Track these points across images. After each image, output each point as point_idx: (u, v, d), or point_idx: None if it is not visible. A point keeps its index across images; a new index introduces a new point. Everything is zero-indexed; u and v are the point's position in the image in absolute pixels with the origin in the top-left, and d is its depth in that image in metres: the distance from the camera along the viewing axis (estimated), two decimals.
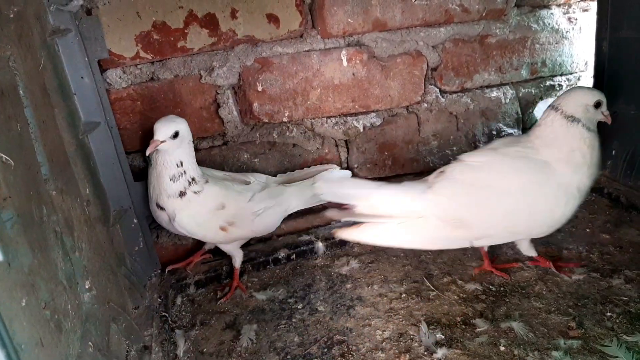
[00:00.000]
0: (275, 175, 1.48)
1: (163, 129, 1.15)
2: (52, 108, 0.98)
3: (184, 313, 1.29)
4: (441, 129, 1.64)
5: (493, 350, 1.07)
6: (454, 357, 1.06)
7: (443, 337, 1.11)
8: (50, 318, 0.80)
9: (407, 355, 1.07)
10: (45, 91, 0.95)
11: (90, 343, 0.92)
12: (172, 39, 1.32)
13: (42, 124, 0.90)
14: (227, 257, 1.39)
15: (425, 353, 1.08)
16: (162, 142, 1.15)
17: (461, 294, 1.25)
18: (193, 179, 1.21)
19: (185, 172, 1.20)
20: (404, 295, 1.27)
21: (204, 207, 1.23)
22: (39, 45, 0.95)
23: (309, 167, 1.52)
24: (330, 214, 1.20)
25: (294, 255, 1.45)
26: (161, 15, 1.29)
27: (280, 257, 1.44)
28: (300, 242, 1.47)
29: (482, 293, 1.25)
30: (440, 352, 1.07)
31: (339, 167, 1.55)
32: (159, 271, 1.39)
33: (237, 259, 1.37)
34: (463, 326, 1.14)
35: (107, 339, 1.01)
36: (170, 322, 1.23)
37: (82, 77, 1.12)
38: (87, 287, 0.96)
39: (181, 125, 1.18)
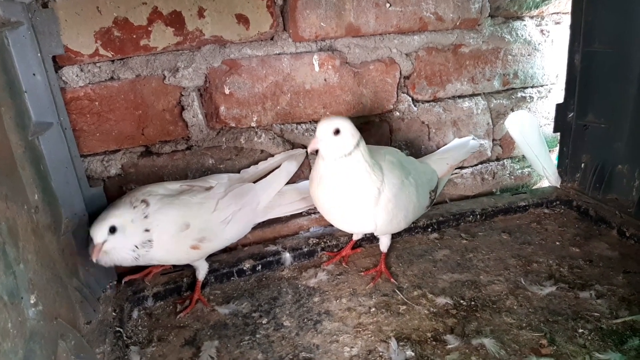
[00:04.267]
0: (238, 172, 1.41)
1: (96, 230, 1.08)
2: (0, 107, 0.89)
3: (140, 328, 1.21)
4: (413, 138, 1.61)
5: None
6: None
7: (413, 354, 1.07)
8: None
9: None
10: None
11: None
12: (134, 36, 1.24)
13: None
14: (189, 268, 1.32)
15: None
16: (102, 243, 1.08)
17: (432, 308, 1.22)
18: (143, 244, 1.13)
19: (137, 249, 1.13)
20: (374, 309, 1.22)
21: (167, 234, 1.15)
22: None
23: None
24: None
25: (260, 267, 1.39)
26: (123, 11, 1.22)
27: (245, 268, 1.37)
28: (267, 253, 1.41)
29: (453, 307, 1.21)
30: None
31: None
32: (115, 282, 1.30)
33: (202, 270, 1.30)
34: (434, 342, 1.11)
35: (54, 359, 0.93)
36: (124, 338, 1.14)
37: (34, 74, 1.04)
38: (32, 302, 0.88)
39: (116, 220, 1.09)
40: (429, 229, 1.55)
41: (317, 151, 1.16)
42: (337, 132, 1.13)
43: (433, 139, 1.64)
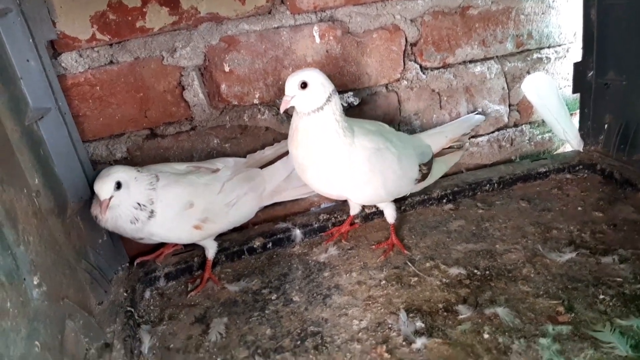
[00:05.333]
0: (244, 152, 1.40)
1: (103, 186, 1.08)
2: None
3: (152, 307, 1.22)
4: (423, 108, 1.56)
5: (476, 339, 1.00)
6: (434, 347, 0.99)
7: (423, 325, 1.04)
8: None
9: (385, 346, 1.00)
10: None
11: (37, 343, 0.85)
12: (129, 18, 1.23)
13: None
14: (200, 248, 1.32)
15: (404, 343, 1.01)
16: (109, 199, 1.09)
17: (444, 279, 1.18)
18: (143, 205, 1.13)
19: (140, 209, 1.13)
20: (384, 282, 1.20)
21: (171, 210, 1.15)
22: None
23: None
24: None
25: (270, 244, 1.38)
26: None
27: (255, 246, 1.37)
28: (277, 230, 1.40)
29: (466, 277, 1.17)
30: (420, 341, 1.00)
31: None
32: (127, 264, 1.32)
33: (211, 250, 1.30)
34: (445, 313, 1.07)
35: (61, 338, 0.94)
36: (136, 318, 1.16)
37: (27, 60, 1.04)
38: (35, 283, 0.89)
39: (120, 175, 1.10)
40: (444, 200, 1.50)
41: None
42: (304, 85, 1.09)
43: (445, 107, 1.58)
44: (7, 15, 1.00)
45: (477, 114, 1.57)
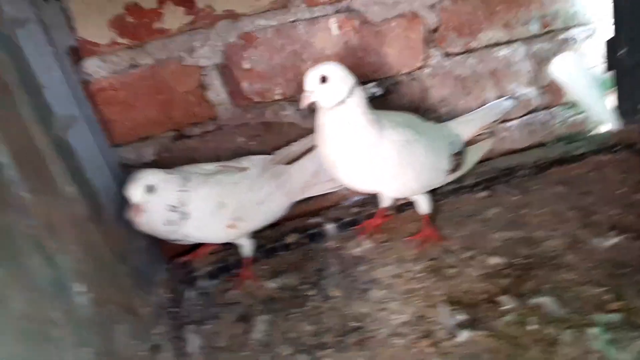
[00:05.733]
0: (269, 149, 1.38)
1: (134, 191, 1.08)
2: (16, 104, 0.89)
3: (194, 307, 1.22)
4: (448, 95, 1.51)
5: (521, 330, 0.96)
6: (479, 340, 0.96)
7: (466, 317, 1.01)
8: (30, 328, 0.73)
9: (427, 340, 0.98)
10: (4, 86, 0.87)
11: (88, 349, 0.85)
12: (147, 20, 1.22)
13: (3, 122, 0.82)
14: (237, 246, 1.32)
15: (447, 337, 0.98)
16: (141, 203, 1.09)
17: (483, 269, 1.14)
18: (175, 207, 1.13)
19: (173, 210, 1.12)
20: (422, 274, 1.16)
21: (203, 211, 1.15)
22: None
23: None
24: None
25: (304, 239, 1.37)
26: None
27: (289, 242, 1.36)
28: (310, 225, 1.39)
29: (507, 267, 1.14)
30: (463, 334, 0.97)
31: None
32: (168, 265, 1.33)
33: (247, 248, 1.29)
34: (487, 305, 1.04)
35: (111, 342, 0.94)
36: (180, 318, 1.17)
37: (50, 69, 1.03)
38: (80, 290, 0.89)
39: (151, 178, 1.10)
40: (477, 188, 1.46)
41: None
42: (324, 79, 1.06)
43: (471, 93, 1.53)
44: (28, 25, 0.99)
45: (507, 99, 1.52)
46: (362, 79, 1.40)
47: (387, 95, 1.45)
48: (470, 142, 1.40)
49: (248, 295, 1.23)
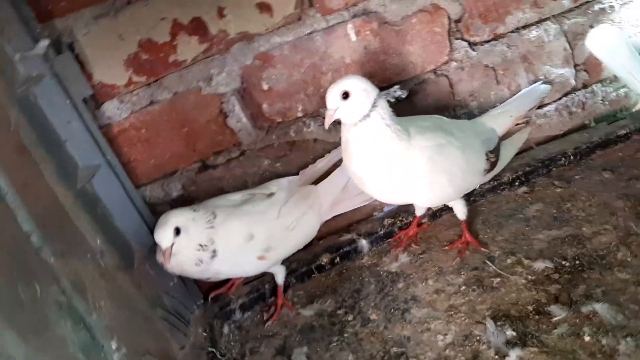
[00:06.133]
0: (296, 170, 1.36)
1: (162, 235, 1.07)
2: (36, 164, 0.90)
3: (232, 343, 1.22)
4: (478, 87, 1.44)
5: (576, 343, 0.91)
6: (530, 358, 0.91)
7: (515, 333, 0.96)
8: None
9: None
10: (23, 149, 0.88)
11: None
12: (162, 55, 1.22)
13: (23, 188, 0.83)
14: (270, 273, 1.30)
15: (497, 357, 0.94)
16: (171, 246, 1.07)
17: (529, 276, 1.09)
18: (204, 246, 1.11)
19: (203, 249, 1.10)
20: (464, 287, 1.12)
21: (232, 246, 1.13)
22: (6, 102, 0.87)
23: None
24: None
25: (338, 259, 1.33)
26: (144, 32, 1.19)
27: (323, 263, 1.32)
28: (342, 243, 1.35)
29: (554, 271, 1.08)
30: (514, 353, 0.93)
31: None
32: (202, 301, 1.32)
33: (280, 275, 1.27)
34: (536, 316, 0.99)
35: None
36: (219, 357, 1.16)
37: (69, 122, 1.04)
38: (114, 347, 0.89)
39: (178, 220, 1.08)
40: (516, 183, 1.39)
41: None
42: (345, 95, 1.03)
43: (502, 81, 1.45)
44: (42, 81, 1.00)
45: (541, 83, 1.43)
46: (386, 83, 1.37)
47: (412, 97, 1.39)
48: (505, 135, 1.33)
49: (285, 325, 1.21)
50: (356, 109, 1.04)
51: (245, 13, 1.22)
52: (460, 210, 1.24)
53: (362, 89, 1.04)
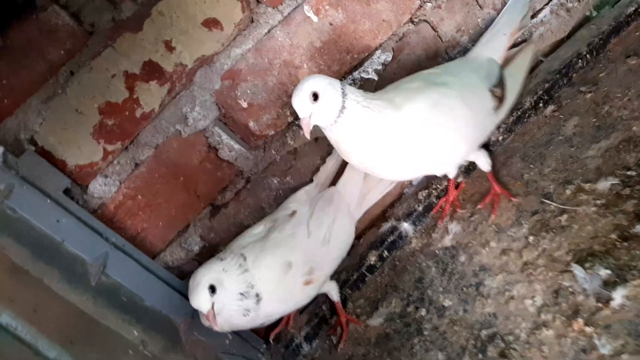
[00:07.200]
0: (308, 179, 1.26)
1: (199, 299, 0.97)
2: (39, 281, 0.83)
3: None
4: (462, 19, 1.31)
5: None
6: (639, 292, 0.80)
7: (609, 271, 0.85)
8: None
9: (579, 319, 0.83)
10: (17, 270, 0.81)
11: None
12: (127, 113, 1.11)
13: (34, 313, 0.74)
14: (322, 294, 1.19)
15: (600, 304, 0.82)
16: (212, 307, 0.98)
17: (597, 200, 0.97)
18: (246, 293, 1.01)
19: (245, 298, 1.01)
20: (532, 237, 1.00)
21: (274, 283, 1.04)
22: None
23: None
24: None
25: (385, 252, 1.22)
26: (100, 96, 1.08)
27: (372, 262, 1.22)
28: (384, 233, 1.24)
29: (623, 186, 0.95)
30: (618, 294, 0.81)
31: None
32: (264, 346, 1.23)
33: (334, 291, 1.17)
34: (625, 243, 0.87)
35: None
36: None
37: (58, 221, 0.95)
38: None
39: (209, 277, 0.99)
40: (540, 104, 1.26)
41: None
42: (315, 96, 0.93)
43: (485, 3, 1.32)
44: (13, 191, 0.90)
45: None
46: (366, 52, 1.25)
47: (397, 55, 1.27)
48: (506, 62, 1.20)
49: (358, 342, 1.11)
50: (330, 106, 0.94)
51: (194, 37, 1.11)
52: (483, 162, 1.12)
53: (327, 84, 0.94)
